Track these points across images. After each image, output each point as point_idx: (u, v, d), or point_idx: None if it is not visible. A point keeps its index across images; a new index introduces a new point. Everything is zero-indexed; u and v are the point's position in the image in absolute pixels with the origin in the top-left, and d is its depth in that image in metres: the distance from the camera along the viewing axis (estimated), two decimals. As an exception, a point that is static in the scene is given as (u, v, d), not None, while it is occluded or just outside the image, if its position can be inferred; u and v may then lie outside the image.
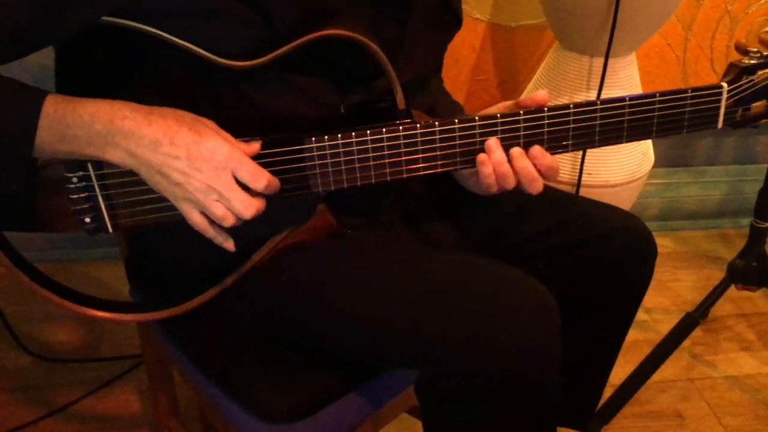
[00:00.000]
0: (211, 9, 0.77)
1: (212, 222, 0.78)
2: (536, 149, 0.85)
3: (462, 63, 1.83)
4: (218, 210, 0.75)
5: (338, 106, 0.87)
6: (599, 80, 1.45)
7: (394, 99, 0.84)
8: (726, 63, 1.95)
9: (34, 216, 0.82)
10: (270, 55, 0.79)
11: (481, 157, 0.85)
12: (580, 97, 1.51)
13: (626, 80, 1.52)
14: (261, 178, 0.76)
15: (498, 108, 0.91)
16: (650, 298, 1.96)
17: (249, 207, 0.76)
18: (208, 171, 0.74)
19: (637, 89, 1.56)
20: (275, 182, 0.78)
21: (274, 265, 0.90)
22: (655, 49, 1.90)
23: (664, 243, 2.20)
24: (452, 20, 1.00)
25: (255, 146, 0.79)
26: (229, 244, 0.80)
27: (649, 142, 1.61)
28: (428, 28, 0.96)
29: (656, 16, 1.43)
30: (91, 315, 0.89)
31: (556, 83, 1.54)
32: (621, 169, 1.58)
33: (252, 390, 0.92)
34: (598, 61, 1.46)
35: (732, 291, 1.57)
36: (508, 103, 0.91)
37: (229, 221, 0.76)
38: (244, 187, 0.76)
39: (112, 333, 1.72)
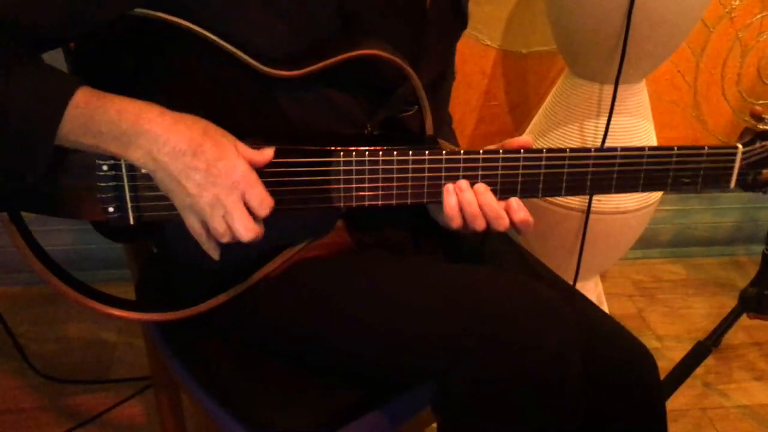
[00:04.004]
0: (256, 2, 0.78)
1: (208, 233, 0.79)
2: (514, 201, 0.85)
3: (473, 88, 1.85)
4: (220, 226, 0.76)
5: (366, 122, 0.89)
6: (609, 107, 1.46)
7: (423, 125, 0.86)
8: (737, 90, 1.96)
9: (56, 200, 0.83)
10: (309, 68, 0.80)
11: (447, 186, 0.85)
12: (590, 124, 1.52)
13: (636, 107, 1.52)
14: (267, 206, 0.78)
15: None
16: (662, 326, 1.95)
17: (249, 230, 0.77)
18: (222, 187, 0.75)
19: (648, 116, 1.56)
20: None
21: (287, 279, 0.91)
22: (666, 76, 1.90)
23: (676, 270, 2.19)
24: (460, 22, 1.02)
25: (268, 154, 0.79)
26: (215, 254, 0.81)
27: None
28: (441, 33, 0.98)
29: (667, 44, 1.43)
30: (100, 310, 0.90)
31: (567, 110, 1.55)
32: (632, 195, 1.58)
33: (261, 413, 0.92)
34: (609, 88, 1.47)
35: (745, 319, 1.55)
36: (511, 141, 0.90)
37: (226, 238, 0.77)
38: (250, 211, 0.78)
39: (122, 355, 1.72)
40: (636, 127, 1.53)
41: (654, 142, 1.58)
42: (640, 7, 1.30)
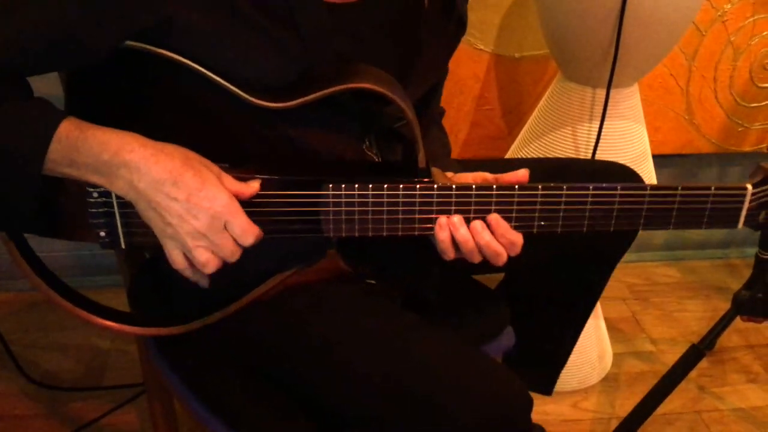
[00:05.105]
0: (240, 25, 0.78)
1: (192, 265, 0.79)
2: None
3: (466, 93, 1.85)
4: (202, 256, 0.77)
5: (362, 134, 0.89)
6: (602, 111, 1.46)
7: (416, 157, 0.86)
8: (729, 93, 1.96)
9: (50, 222, 0.83)
10: (300, 100, 0.80)
11: (440, 221, 0.84)
12: (583, 128, 1.52)
13: (629, 111, 1.52)
14: (250, 235, 0.78)
15: (476, 178, 0.90)
16: (656, 329, 1.95)
17: (235, 253, 0.78)
18: (203, 218, 0.75)
19: (640, 120, 1.57)
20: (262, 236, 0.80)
21: (275, 304, 0.91)
22: (658, 80, 1.91)
23: (670, 273, 2.19)
24: (458, 27, 1.01)
25: (254, 186, 0.79)
26: (204, 282, 0.82)
27: (653, 170, 1.61)
28: (436, 39, 0.97)
29: (659, 48, 1.44)
30: (96, 322, 0.91)
31: (559, 114, 1.55)
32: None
33: (252, 423, 0.92)
34: (601, 92, 1.47)
35: (738, 322, 1.55)
36: (488, 176, 0.90)
37: (211, 268, 0.78)
38: None
39: (115, 362, 1.72)
40: (629, 130, 1.53)
41: (647, 146, 1.58)
42: (632, 10, 1.30)
